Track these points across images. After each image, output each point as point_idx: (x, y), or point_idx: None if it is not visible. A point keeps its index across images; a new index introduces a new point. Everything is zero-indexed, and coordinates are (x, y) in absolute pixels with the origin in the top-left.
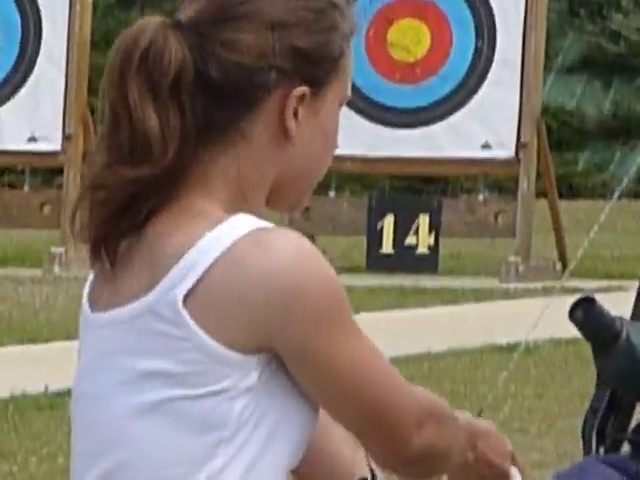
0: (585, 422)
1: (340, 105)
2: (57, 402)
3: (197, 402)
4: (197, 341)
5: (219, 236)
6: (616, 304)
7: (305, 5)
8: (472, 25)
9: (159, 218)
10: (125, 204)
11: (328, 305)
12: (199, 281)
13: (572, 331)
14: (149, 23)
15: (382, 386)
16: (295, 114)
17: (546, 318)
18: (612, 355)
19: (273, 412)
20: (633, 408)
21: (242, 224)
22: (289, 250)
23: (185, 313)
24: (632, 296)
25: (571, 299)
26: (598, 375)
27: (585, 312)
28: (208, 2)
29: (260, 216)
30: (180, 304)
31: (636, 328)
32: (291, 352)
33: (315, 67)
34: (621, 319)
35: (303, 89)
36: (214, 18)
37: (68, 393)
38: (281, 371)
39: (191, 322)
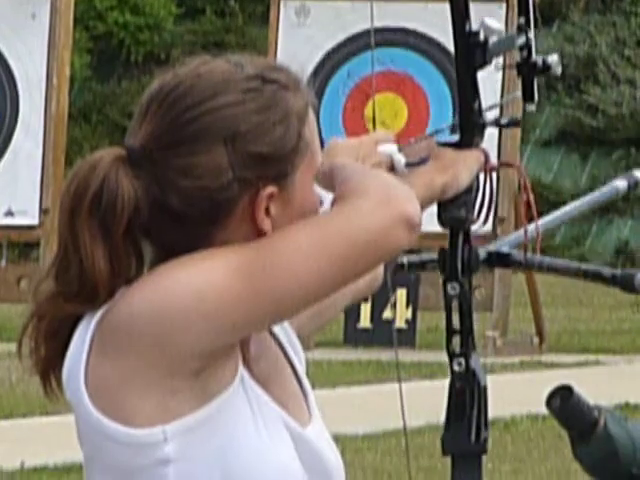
0: None
1: (314, 176)
2: (33, 478)
3: None
4: (95, 423)
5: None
6: (593, 378)
7: (254, 108)
8: (449, 99)
9: None
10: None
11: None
12: (87, 357)
13: None
14: (101, 160)
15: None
16: (267, 211)
17: (523, 393)
18: (589, 444)
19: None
20: None
21: None
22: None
23: (86, 397)
24: (610, 370)
25: (549, 374)
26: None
27: (563, 401)
28: (155, 124)
29: None
30: (83, 390)
31: (614, 417)
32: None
33: (277, 164)
34: (599, 408)
35: (270, 189)
36: (165, 143)
37: (44, 469)
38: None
39: (89, 404)
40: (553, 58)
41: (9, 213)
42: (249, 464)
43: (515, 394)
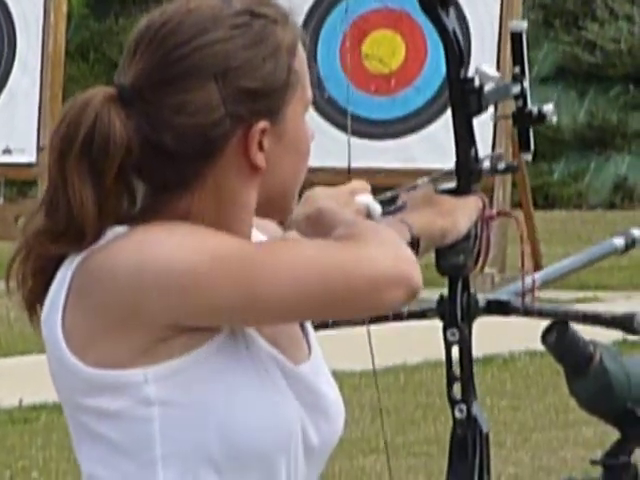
0: None
1: (305, 110)
2: (32, 416)
3: (113, 426)
4: (70, 366)
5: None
6: None
7: (243, 43)
8: None
9: None
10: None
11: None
12: (66, 299)
13: None
14: (92, 99)
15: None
16: (260, 146)
17: (522, 329)
18: (585, 379)
19: (202, 418)
20: None
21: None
22: (116, 245)
23: (61, 338)
24: (608, 307)
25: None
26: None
27: (558, 336)
28: (145, 62)
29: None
30: (59, 330)
31: (609, 352)
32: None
33: (268, 99)
34: (594, 343)
35: (262, 124)
36: (155, 81)
37: (43, 407)
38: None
39: (63, 346)
40: (548, 107)
41: (7, 151)
42: (240, 408)
43: (513, 331)
